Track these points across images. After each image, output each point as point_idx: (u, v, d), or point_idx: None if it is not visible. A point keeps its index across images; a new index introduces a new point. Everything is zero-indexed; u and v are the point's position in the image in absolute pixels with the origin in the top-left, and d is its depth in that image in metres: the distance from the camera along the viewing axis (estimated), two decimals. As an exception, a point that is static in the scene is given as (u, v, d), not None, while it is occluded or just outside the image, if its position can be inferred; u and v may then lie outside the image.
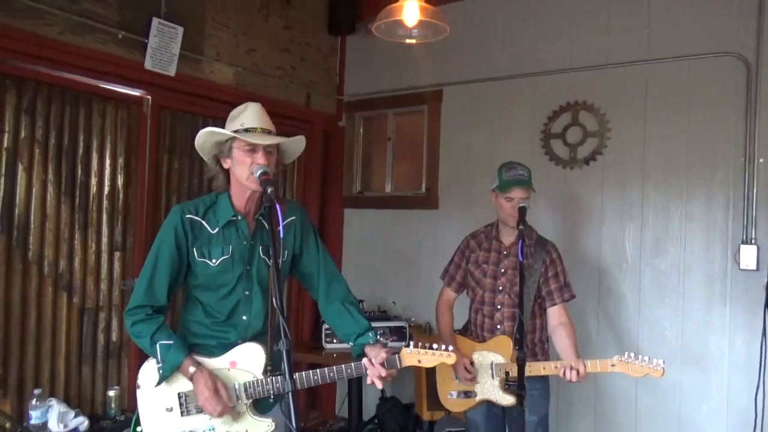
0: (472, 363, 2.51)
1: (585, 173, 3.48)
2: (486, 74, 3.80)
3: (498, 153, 3.72)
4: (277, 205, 1.74)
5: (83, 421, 2.65)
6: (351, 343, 2.08)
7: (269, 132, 1.97)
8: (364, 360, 1.98)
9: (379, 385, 1.96)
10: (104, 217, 3.13)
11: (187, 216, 1.96)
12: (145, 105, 3.29)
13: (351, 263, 4.46)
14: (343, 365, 1.98)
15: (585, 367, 2.27)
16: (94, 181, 3.09)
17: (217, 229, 1.98)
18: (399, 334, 3.66)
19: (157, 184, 3.39)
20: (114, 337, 3.18)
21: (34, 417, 2.57)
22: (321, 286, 2.14)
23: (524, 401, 2.38)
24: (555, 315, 2.53)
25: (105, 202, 3.13)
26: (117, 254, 3.19)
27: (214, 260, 1.97)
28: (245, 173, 1.92)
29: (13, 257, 2.78)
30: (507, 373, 2.42)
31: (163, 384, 1.92)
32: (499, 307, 2.56)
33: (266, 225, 2.03)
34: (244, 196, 2.00)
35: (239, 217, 2.00)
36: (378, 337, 2.07)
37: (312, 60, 4.24)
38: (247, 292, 2.00)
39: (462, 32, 3.87)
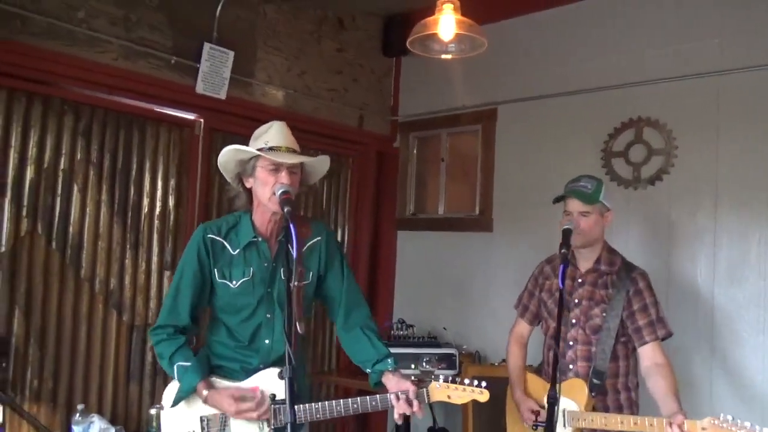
0: (542, 407, 2.22)
1: (650, 194, 3.22)
2: (542, 91, 3.63)
3: (555, 173, 3.52)
4: (292, 225, 1.68)
5: (123, 438, 2.67)
6: (368, 370, 1.98)
7: (294, 151, 1.93)
8: (391, 396, 1.86)
9: (399, 421, 1.84)
10: (155, 236, 3.20)
11: (209, 236, 1.95)
12: (197, 128, 3.37)
13: (404, 287, 4.35)
14: (367, 397, 1.88)
15: (682, 425, 1.86)
16: (146, 201, 3.18)
17: (238, 250, 1.95)
18: (448, 361, 3.50)
19: (208, 204, 3.44)
20: (162, 355, 3.23)
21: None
22: (341, 311, 2.07)
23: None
24: (647, 355, 2.18)
25: (156, 222, 3.21)
26: (166, 273, 3.24)
27: (234, 282, 1.93)
28: (267, 193, 1.88)
29: (66, 275, 2.88)
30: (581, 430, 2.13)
31: (185, 406, 1.89)
32: (571, 343, 2.27)
33: (289, 247, 1.99)
34: (265, 216, 1.96)
35: (260, 239, 1.96)
36: (396, 365, 1.95)
37: (366, 81, 4.22)
38: (268, 315, 1.96)
39: (517, 49, 3.75)
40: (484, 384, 1.85)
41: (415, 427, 3.85)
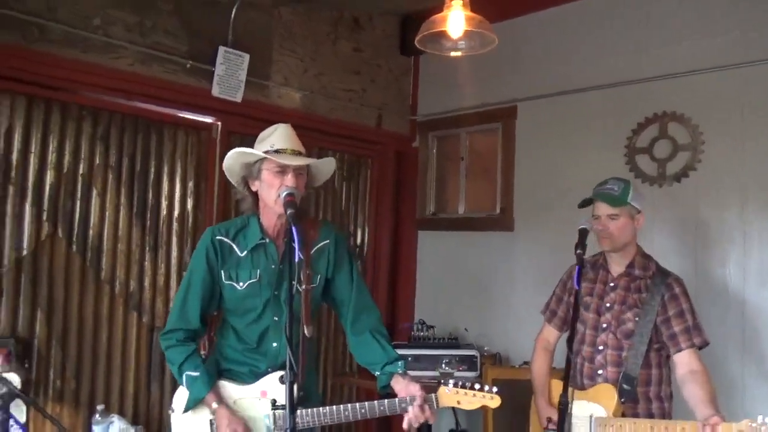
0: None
1: (676, 191, 3.11)
2: (563, 87, 3.54)
3: (577, 170, 3.46)
4: (294, 228, 1.66)
5: (141, 439, 2.69)
6: (377, 372, 1.95)
7: (299, 153, 1.91)
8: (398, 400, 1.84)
9: (416, 424, 1.81)
10: (174, 239, 3.24)
11: (217, 238, 1.95)
12: (214, 131, 3.39)
13: (425, 287, 4.31)
14: (375, 402, 1.85)
15: (717, 426, 1.78)
16: (164, 204, 3.21)
17: (245, 252, 1.95)
18: (469, 363, 3.45)
19: (226, 206, 3.45)
20: (181, 356, 3.26)
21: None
22: (349, 315, 2.04)
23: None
24: (683, 362, 2.08)
25: (175, 225, 3.24)
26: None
27: (241, 283, 1.93)
28: (273, 196, 1.87)
29: (86, 277, 2.93)
30: None
31: (195, 410, 1.89)
32: (601, 348, 2.18)
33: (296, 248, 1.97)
34: (272, 218, 1.95)
35: (267, 240, 1.95)
36: (405, 368, 1.92)
37: (383, 81, 4.19)
38: (276, 318, 1.94)
39: (537, 45, 3.67)
40: (495, 389, 1.80)
41: (437, 428, 3.81)
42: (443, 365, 3.27)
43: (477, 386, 1.82)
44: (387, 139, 4.23)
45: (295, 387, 1.83)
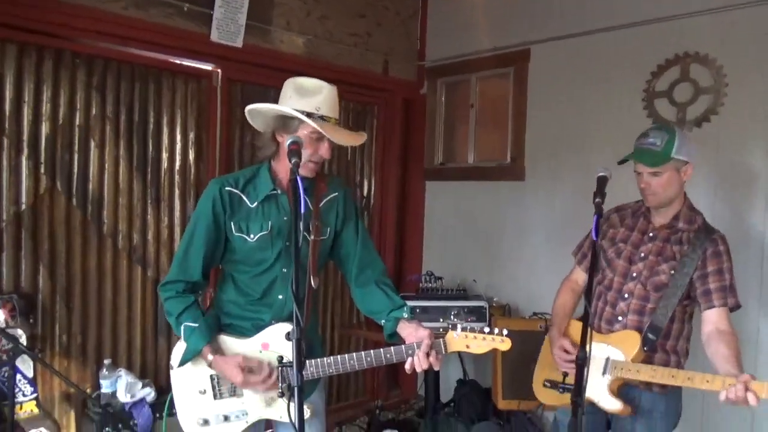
0: (575, 346, 2.07)
1: (696, 137, 2.96)
2: (578, 28, 3.37)
3: (592, 117, 3.33)
4: (299, 178, 1.56)
5: (150, 392, 2.69)
6: (382, 321, 1.90)
7: (338, 122, 1.83)
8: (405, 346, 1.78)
9: (426, 367, 1.76)
10: (176, 191, 3.16)
11: (226, 188, 1.86)
12: (215, 78, 3.26)
13: (433, 238, 4.24)
14: (381, 350, 1.80)
15: (749, 382, 1.66)
16: (165, 156, 3.12)
17: (256, 203, 1.86)
18: (478, 314, 3.40)
19: (229, 157, 3.36)
20: (188, 310, 3.23)
21: (104, 386, 2.66)
22: (353, 270, 1.98)
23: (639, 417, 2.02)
24: (711, 320, 1.96)
25: (177, 177, 3.15)
26: (190, 228, 3.21)
27: (252, 235, 1.85)
28: (304, 159, 1.76)
29: (88, 231, 2.87)
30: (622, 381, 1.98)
31: (195, 365, 1.85)
32: (626, 296, 2.08)
33: (307, 200, 1.89)
34: (284, 170, 1.86)
35: (279, 192, 1.86)
36: (412, 314, 1.86)
37: (390, 25, 4.00)
38: (285, 270, 1.88)
39: (551, -18, 3.47)
40: (506, 332, 1.74)
41: (445, 379, 3.82)
42: (452, 316, 3.22)
43: (486, 329, 1.76)
44: (394, 86, 4.08)
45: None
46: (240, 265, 1.89)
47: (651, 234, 2.12)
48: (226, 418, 1.84)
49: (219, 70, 3.27)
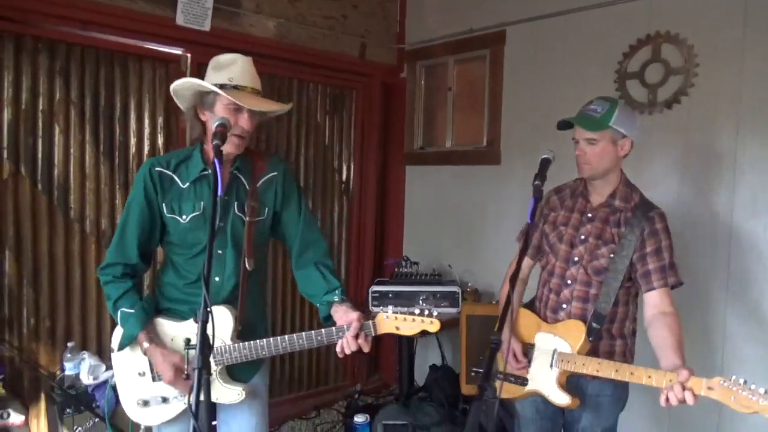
0: (527, 345, 2.08)
1: (667, 118, 2.92)
2: (552, 8, 3.31)
3: (565, 99, 3.24)
4: (216, 161, 1.56)
5: (112, 375, 2.71)
6: (318, 304, 1.89)
7: (257, 92, 1.81)
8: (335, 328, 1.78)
9: (350, 351, 1.75)
10: (145, 176, 3.16)
11: (156, 169, 1.86)
12: (183, 63, 3.24)
13: (413, 225, 4.23)
14: (312, 332, 1.80)
15: (686, 381, 1.65)
16: (133, 141, 3.12)
17: (188, 183, 1.86)
18: (450, 299, 3.39)
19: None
20: (159, 294, 3.25)
21: (68, 368, 2.69)
22: (295, 249, 1.98)
23: (585, 405, 2.02)
24: (653, 302, 1.94)
25: (145, 162, 3.16)
26: (159, 213, 3.22)
27: (184, 216, 1.85)
28: (212, 126, 1.75)
29: (55, 216, 2.89)
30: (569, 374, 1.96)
31: (132, 349, 1.86)
32: (569, 282, 2.05)
33: (242, 179, 1.89)
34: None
35: (210, 172, 1.85)
36: (344, 296, 1.86)
37: (367, 7, 3.96)
38: (219, 251, 1.87)
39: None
40: (435, 313, 1.74)
41: (422, 364, 3.82)
42: (420, 301, 3.21)
43: (417, 311, 1.75)
44: (372, 69, 4.04)
45: (233, 322, 1.82)
46: (176, 247, 1.89)
47: (590, 215, 2.08)
48: (165, 400, 1.86)
49: (188, 55, 3.25)
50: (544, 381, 2.03)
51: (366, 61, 3.99)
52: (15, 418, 2.66)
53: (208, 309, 1.38)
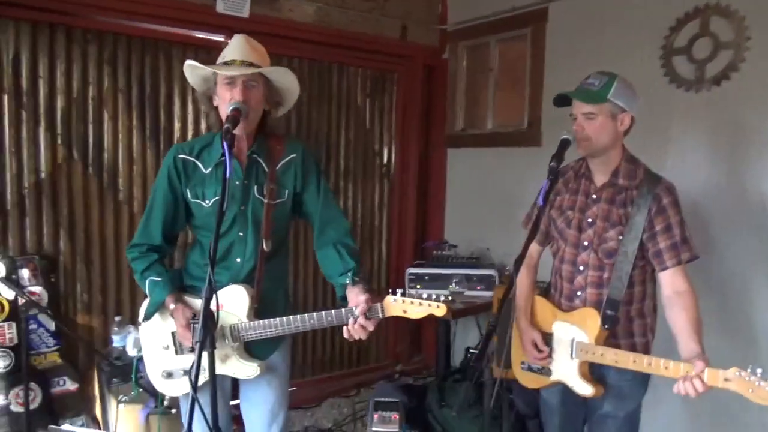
0: (545, 334, 2.04)
1: (714, 97, 2.76)
2: (596, -18, 3.18)
3: (607, 78, 3.14)
4: (226, 144, 1.61)
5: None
6: (334, 284, 1.95)
7: (251, 64, 1.83)
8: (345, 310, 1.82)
9: (357, 336, 1.79)
10: (189, 160, 3.29)
11: (180, 156, 1.94)
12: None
13: (454, 207, 4.20)
14: (324, 312, 1.84)
15: (701, 373, 1.64)
16: (177, 126, 3.26)
17: (210, 169, 1.93)
18: (487, 282, 3.37)
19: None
20: (203, 273, 3.40)
21: (115, 341, 2.87)
22: (315, 229, 2.01)
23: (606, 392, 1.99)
24: (667, 282, 1.89)
25: (189, 146, 3.29)
26: (203, 196, 3.35)
27: (207, 201, 1.93)
28: (226, 110, 1.81)
29: (105, 198, 3.07)
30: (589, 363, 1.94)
31: (160, 321, 1.97)
32: (581, 268, 1.99)
33: (261, 162, 1.94)
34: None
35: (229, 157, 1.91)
36: (357, 278, 1.87)
37: (407, -11, 3.93)
38: (241, 234, 1.94)
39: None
40: (442, 298, 1.74)
41: (459, 347, 3.82)
42: (453, 284, 3.21)
43: (425, 295, 1.76)
44: (414, 51, 4.02)
45: (249, 300, 1.89)
46: (200, 229, 1.98)
47: (594, 196, 2.01)
48: (186, 372, 1.96)
49: (229, 41, 3.33)
50: (566, 371, 2.01)
51: (407, 43, 3.97)
52: (70, 385, 2.89)
53: (213, 285, 1.45)
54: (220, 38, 3.31)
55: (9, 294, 2.60)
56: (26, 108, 2.83)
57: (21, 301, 2.43)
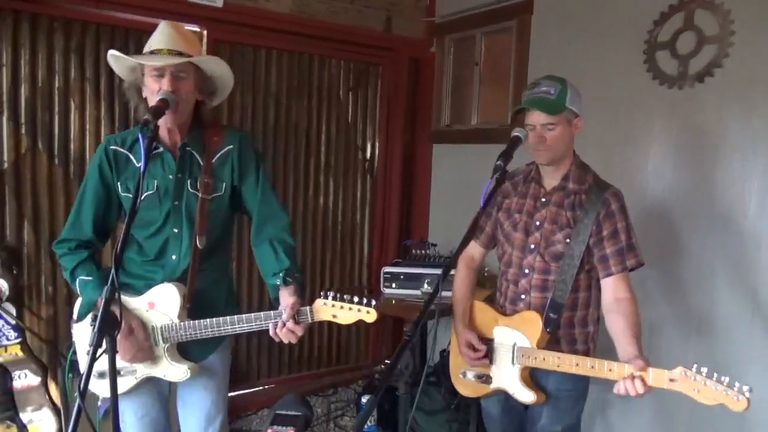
0: (486, 340, 1.98)
1: (697, 94, 2.62)
2: (581, -28, 3.05)
3: (590, 73, 3.01)
4: (140, 136, 1.54)
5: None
6: (267, 284, 1.87)
7: (179, 53, 1.75)
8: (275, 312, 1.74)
9: (286, 340, 1.71)
10: (160, 152, 3.23)
11: (111, 147, 1.87)
12: (199, 40, 3.27)
13: (440, 205, 4.09)
14: (252, 314, 1.76)
15: (643, 374, 1.62)
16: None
17: (141, 162, 1.86)
18: (463, 284, 3.26)
19: (216, 119, 3.38)
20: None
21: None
22: (253, 224, 1.92)
23: (545, 403, 1.93)
24: (610, 288, 1.86)
25: (161, 138, 3.23)
26: (174, 189, 3.29)
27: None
28: (154, 102, 1.74)
29: (71, 189, 3.01)
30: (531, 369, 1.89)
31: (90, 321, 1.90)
32: (527, 271, 1.95)
33: (196, 154, 1.87)
34: (164, 126, 1.82)
35: (162, 149, 1.84)
36: (289, 278, 1.79)
37: (393, -21, 3.82)
38: (176, 230, 1.87)
39: None
40: (374, 303, 1.66)
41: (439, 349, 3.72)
42: (425, 284, 3.11)
43: (356, 299, 1.67)
44: (399, 44, 3.91)
45: (180, 299, 1.81)
46: (135, 225, 1.90)
47: (543, 199, 1.95)
48: (118, 373, 1.89)
49: (204, 32, 3.27)
50: (507, 378, 1.95)
51: (392, 36, 3.86)
52: (32, 379, 2.85)
53: (115, 286, 1.38)
54: (195, 28, 3.24)
55: (-33, 285, 2.57)
56: (-11, 97, 2.79)
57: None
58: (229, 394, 2.11)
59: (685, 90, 2.65)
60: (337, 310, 1.69)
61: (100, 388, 1.92)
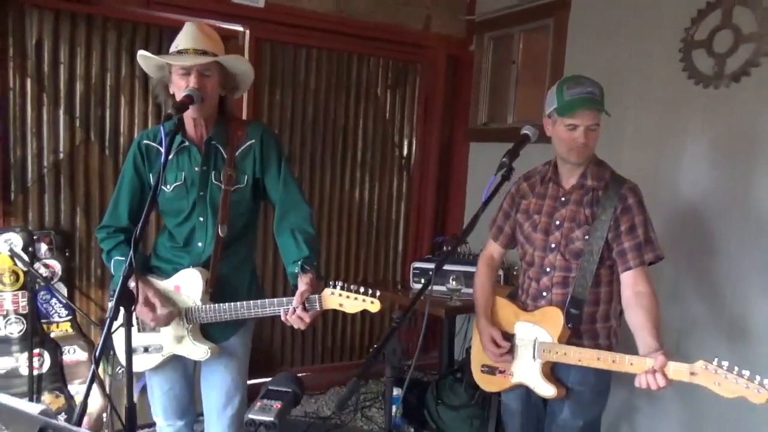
0: (507, 335, 2.00)
1: (734, 93, 2.55)
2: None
3: (626, 73, 3.00)
4: (162, 128, 1.66)
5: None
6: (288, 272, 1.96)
7: (204, 52, 1.86)
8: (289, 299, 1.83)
9: (296, 326, 1.79)
10: (203, 146, 3.40)
11: (144, 142, 2.01)
12: (241, 38, 3.41)
13: (475, 203, 4.10)
14: (267, 300, 1.86)
15: (664, 367, 1.63)
16: (192, 113, 3.36)
17: (171, 155, 1.98)
18: (491, 282, 3.27)
19: (257, 114, 3.53)
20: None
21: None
22: (276, 215, 2.01)
23: (567, 397, 1.96)
24: (629, 283, 1.87)
25: (204, 133, 3.39)
26: (216, 181, 3.45)
27: (168, 186, 1.98)
28: (181, 97, 1.85)
29: (120, 179, 3.22)
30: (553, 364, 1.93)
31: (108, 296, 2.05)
32: (548, 270, 1.97)
33: (220, 148, 1.98)
34: (190, 121, 1.95)
35: (188, 143, 1.96)
36: (307, 266, 1.86)
37: (433, -22, 3.86)
38: (201, 219, 1.99)
39: None
40: (378, 293, 1.72)
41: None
42: (450, 281, 3.14)
43: (362, 289, 1.74)
44: (437, 42, 3.95)
45: (203, 284, 1.93)
46: (165, 214, 2.04)
47: (563, 198, 1.97)
48: (146, 350, 2.03)
49: (246, 31, 3.41)
50: (528, 373, 1.98)
51: (431, 34, 3.90)
52: (80, 354, 3.07)
53: (133, 265, 1.50)
54: (237, 27, 3.39)
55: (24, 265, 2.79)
56: (47, 92, 3.01)
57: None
58: (261, 380, 2.21)
59: (721, 90, 2.58)
60: (344, 300, 1.77)
61: (136, 364, 2.06)
